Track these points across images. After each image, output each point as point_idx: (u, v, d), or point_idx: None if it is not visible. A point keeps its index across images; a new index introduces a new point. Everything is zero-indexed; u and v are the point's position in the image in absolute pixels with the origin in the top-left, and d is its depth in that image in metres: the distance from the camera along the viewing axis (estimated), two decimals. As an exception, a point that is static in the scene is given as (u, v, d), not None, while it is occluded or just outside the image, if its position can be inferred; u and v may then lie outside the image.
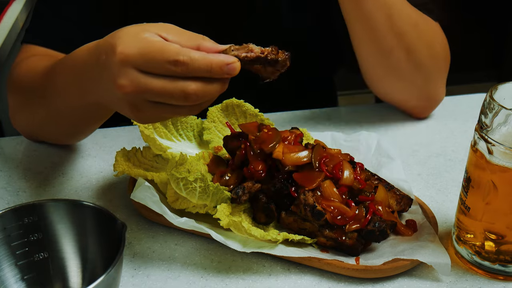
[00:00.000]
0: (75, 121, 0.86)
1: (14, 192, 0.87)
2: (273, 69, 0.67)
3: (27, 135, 0.99)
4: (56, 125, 0.90)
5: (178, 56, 0.59)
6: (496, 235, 0.70)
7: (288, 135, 0.79)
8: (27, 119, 0.94)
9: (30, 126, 0.96)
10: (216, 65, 0.60)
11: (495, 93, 0.68)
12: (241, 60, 0.64)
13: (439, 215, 0.81)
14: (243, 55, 0.64)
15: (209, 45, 0.63)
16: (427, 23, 0.98)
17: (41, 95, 0.85)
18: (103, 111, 0.79)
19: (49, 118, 0.88)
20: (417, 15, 0.96)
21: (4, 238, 0.65)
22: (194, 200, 0.75)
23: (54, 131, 0.94)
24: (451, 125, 1.06)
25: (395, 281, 0.72)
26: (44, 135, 0.96)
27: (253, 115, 0.89)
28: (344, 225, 0.72)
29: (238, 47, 0.65)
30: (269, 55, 0.66)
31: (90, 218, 0.67)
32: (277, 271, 0.73)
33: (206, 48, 0.62)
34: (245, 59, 0.64)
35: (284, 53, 0.67)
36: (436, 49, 0.99)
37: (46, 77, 0.83)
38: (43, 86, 0.84)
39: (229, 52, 0.64)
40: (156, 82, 0.61)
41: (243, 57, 0.64)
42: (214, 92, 0.63)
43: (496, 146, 0.66)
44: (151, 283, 0.71)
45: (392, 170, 0.85)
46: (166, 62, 0.60)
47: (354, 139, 0.92)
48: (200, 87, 0.61)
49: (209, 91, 0.62)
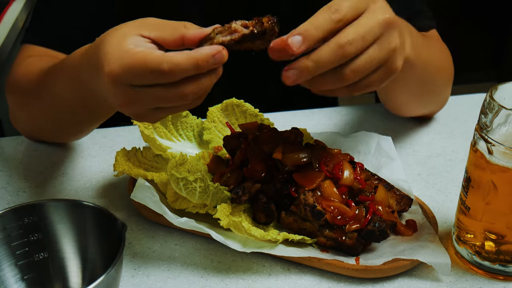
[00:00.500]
0: (75, 121, 0.86)
1: (14, 192, 0.87)
2: (262, 41, 0.63)
3: (27, 135, 0.99)
4: (56, 125, 0.90)
5: (161, 66, 0.59)
6: (496, 235, 0.70)
7: (288, 135, 0.79)
8: (27, 119, 0.94)
9: (30, 126, 0.96)
10: (202, 61, 0.59)
11: (495, 93, 0.68)
12: (227, 45, 0.61)
13: (439, 215, 0.81)
14: (228, 39, 0.62)
15: (192, 33, 0.61)
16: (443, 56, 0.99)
17: (39, 96, 0.85)
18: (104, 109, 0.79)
19: (49, 118, 0.88)
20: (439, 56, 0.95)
21: (4, 238, 0.65)
22: (194, 200, 0.75)
23: (54, 131, 0.94)
24: (451, 125, 1.06)
25: (395, 281, 0.72)
26: (44, 134, 0.96)
27: (253, 115, 0.89)
28: (344, 225, 0.72)
29: (221, 28, 0.62)
30: (254, 29, 0.62)
31: (90, 218, 0.67)
32: (277, 271, 0.73)
33: (190, 38, 0.61)
34: (231, 43, 0.62)
35: (269, 21, 0.63)
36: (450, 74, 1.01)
37: (43, 80, 0.83)
38: (40, 88, 0.84)
39: (213, 37, 0.61)
40: (150, 92, 0.61)
41: (228, 41, 0.62)
42: (210, 83, 0.62)
43: (496, 146, 0.66)
44: (151, 283, 0.71)
45: (392, 170, 0.85)
46: (151, 74, 0.59)
47: (354, 139, 0.92)
48: (194, 85, 0.61)
49: (203, 84, 0.62)
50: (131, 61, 0.60)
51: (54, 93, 0.80)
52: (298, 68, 0.61)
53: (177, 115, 0.89)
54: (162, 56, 0.59)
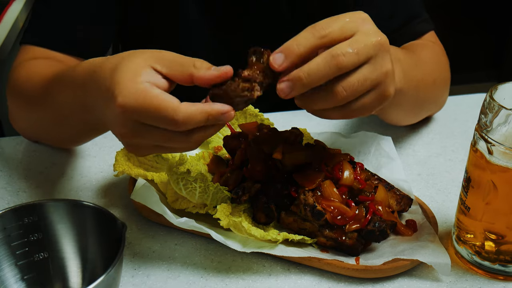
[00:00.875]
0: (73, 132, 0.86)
1: (14, 192, 0.87)
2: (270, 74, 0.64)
3: (26, 136, 0.99)
4: (57, 132, 0.90)
5: (176, 116, 0.60)
6: (496, 235, 0.70)
7: (288, 135, 0.79)
8: (26, 122, 0.94)
9: (29, 128, 0.96)
10: (212, 116, 0.61)
11: (495, 93, 0.68)
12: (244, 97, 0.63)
13: (439, 215, 0.81)
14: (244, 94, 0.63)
15: (202, 75, 0.62)
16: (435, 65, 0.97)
17: (40, 103, 0.85)
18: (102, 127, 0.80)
19: (48, 124, 0.88)
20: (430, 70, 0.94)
21: (4, 238, 0.65)
22: (194, 200, 0.75)
23: (52, 137, 0.94)
24: (451, 125, 1.06)
25: (395, 281, 0.72)
26: (42, 138, 0.96)
27: (253, 115, 0.89)
28: (344, 225, 0.72)
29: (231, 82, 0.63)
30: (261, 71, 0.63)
31: (90, 218, 0.67)
32: (277, 271, 0.73)
33: (200, 79, 0.62)
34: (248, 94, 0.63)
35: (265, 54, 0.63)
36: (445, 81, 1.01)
37: (46, 88, 0.82)
38: (42, 97, 0.84)
39: (229, 86, 0.63)
40: (157, 132, 0.63)
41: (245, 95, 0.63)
42: (214, 132, 0.65)
43: (496, 146, 0.66)
44: (151, 283, 0.71)
45: (392, 170, 0.85)
46: (164, 121, 0.61)
47: (354, 139, 0.92)
48: (201, 134, 0.63)
49: (209, 133, 0.64)
50: (146, 102, 0.61)
51: (56, 103, 0.80)
52: (291, 80, 0.61)
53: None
54: (178, 106, 0.60)
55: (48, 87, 0.82)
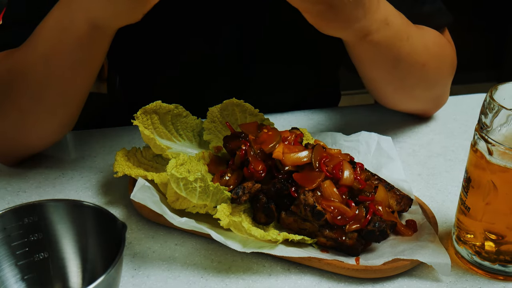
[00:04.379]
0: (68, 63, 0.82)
1: (14, 192, 0.87)
2: None
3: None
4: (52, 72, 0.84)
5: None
6: (496, 235, 0.70)
7: (288, 135, 0.79)
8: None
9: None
10: None
11: (495, 93, 0.68)
12: None
13: (439, 215, 0.81)
14: None
15: None
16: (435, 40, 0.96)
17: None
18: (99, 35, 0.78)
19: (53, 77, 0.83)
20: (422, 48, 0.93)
21: (4, 238, 0.65)
22: (194, 200, 0.75)
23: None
24: (451, 125, 1.06)
25: (395, 281, 0.72)
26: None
27: (253, 115, 0.89)
28: (344, 225, 0.72)
29: None
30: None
31: (90, 218, 0.67)
32: (277, 271, 0.73)
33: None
34: None
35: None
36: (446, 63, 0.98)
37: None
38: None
39: None
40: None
41: None
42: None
43: (496, 146, 0.66)
44: (151, 283, 0.71)
45: (392, 170, 0.85)
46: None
47: (354, 139, 0.92)
48: None
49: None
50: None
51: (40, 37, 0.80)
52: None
53: (177, 115, 0.88)
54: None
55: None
